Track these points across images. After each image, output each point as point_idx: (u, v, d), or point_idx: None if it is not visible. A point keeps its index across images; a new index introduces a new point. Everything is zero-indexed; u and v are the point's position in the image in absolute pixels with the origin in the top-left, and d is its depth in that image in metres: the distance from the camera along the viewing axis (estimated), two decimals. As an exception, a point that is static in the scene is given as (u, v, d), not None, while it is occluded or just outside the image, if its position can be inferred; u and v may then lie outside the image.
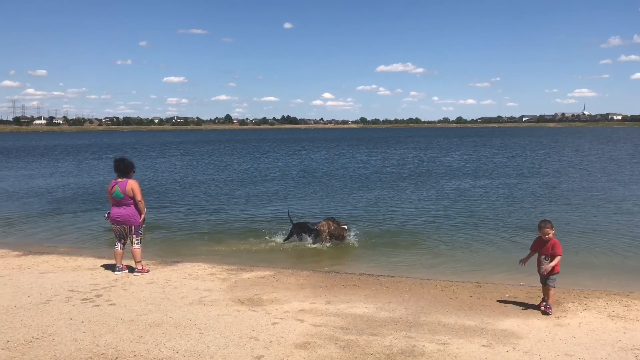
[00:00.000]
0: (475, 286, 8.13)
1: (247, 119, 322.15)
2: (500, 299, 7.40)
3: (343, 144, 72.46)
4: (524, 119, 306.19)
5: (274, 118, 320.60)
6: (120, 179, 8.66)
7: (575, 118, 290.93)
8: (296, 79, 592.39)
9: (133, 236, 8.77)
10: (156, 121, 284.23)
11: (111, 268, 9.04)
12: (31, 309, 6.88)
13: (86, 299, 7.32)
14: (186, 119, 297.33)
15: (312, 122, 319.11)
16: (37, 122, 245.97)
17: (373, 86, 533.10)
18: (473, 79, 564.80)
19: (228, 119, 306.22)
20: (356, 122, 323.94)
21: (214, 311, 6.83)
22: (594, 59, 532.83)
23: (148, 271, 8.89)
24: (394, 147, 60.75)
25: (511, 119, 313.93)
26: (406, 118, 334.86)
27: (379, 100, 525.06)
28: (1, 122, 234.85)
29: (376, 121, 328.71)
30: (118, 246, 8.88)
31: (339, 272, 9.17)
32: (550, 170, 29.31)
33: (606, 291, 7.86)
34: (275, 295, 7.60)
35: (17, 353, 5.47)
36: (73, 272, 8.87)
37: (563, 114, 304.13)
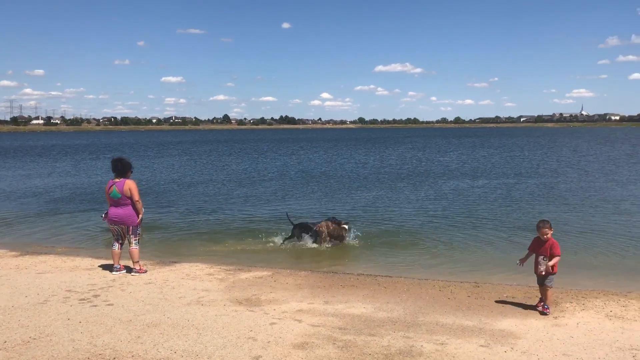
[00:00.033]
0: (473, 286, 8.13)
1: (245, 119, 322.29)
2: (498, 299, 7.40)
3: (341, 144, 72.48)
4: (522, 119, 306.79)
5: (272, 118, 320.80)
6: (117, 179, 8.65)
7: (573, 118, 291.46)
8: (294, 79, 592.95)
9: (131, 236, 8.76)
10: (154, 121, 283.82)
11: (109, 268, 9.03)
12: (28, 309, 6.87)
13: (84, 299, 7.30)
14: (184, 119, 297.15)
15: (311, 122, 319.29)
16: (35, 122, 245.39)
17: (371, 86, 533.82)
18: (471, 79, 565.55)
19: (226, 119, 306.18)
20: (354, 122, 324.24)
21: (212, 311, 6.82)
22: (592, 59, 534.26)
23: (146, 271, 8.88)
24: (392, 147, 60.78)
25: (509, 119, 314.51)
26: (404, 118, 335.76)
27: (377, 100, 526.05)
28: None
29: (374, 121, 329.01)
30: (116, 246, 8.86)
31: (337, 273, 9.17)
32: (548, 170, 29.35)
33: (604, 291, 7.87)
34: (273, 295, 7.59)
35: (15, 353, 5.46)
36: (71, 273, 8.86)
37: (561, 114, 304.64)
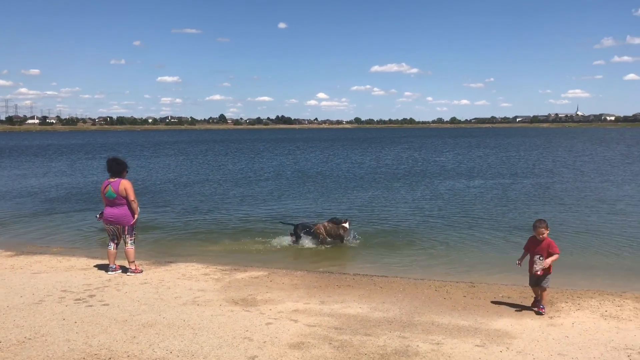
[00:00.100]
0: (469, 286, 8.15)
1: (242, 119, 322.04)
2: (493, 299, 7.42)
3: (337, 144, 72.51)
4: (518, 120, 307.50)
5: (268, 118, 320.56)
6: (113, 179, 8.63)
7: (568, 118, 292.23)
8: (291, 79, 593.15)
9: (126, 236, 8.74)
10: (150, 121, 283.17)
11: (104, 268, 9.00)
12: (24, 310, 6.84)
13: (79, 299, 7.28)
14: (180, 119, 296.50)
15: (307, 122, 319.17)
16: (30, 122, 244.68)
17: (367, 86, 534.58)
18: (467, 80, 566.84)
19: (222, 119, 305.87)
20: (350, 122, 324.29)
21: (208, 311, 6.81)
22: (587, 60, 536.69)
23: (141, 271, 8.86)
24: (389, 147, 60.83)
25: (505, 120, 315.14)
26: (400, 118, 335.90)
27: (374, 100, 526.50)
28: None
29: (370, 121, 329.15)
30: (111, 246, 8.84)
31: (333, 273, 9.17)
32: (544, 170, 29.43)
33: (599, 291, 7.90)
34: (269, 295, 7.59)
35: (10, 354, 5.44)
36: (66, 272, 8.83)
37: (556, 115, 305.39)
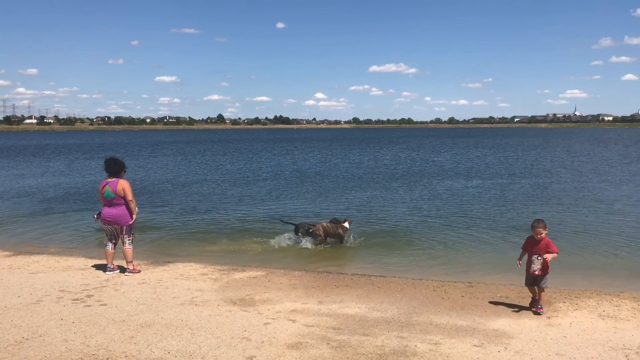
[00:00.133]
0: (467, 286, 8.15)
1: (240, 119, 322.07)
2: (492, 299, 7.42)
3: (336, 144, 72.50)
4: (516, 120, 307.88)
5: (267, 118, 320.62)
6: (111, 179, 8.62)
7: (566, 119, 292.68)
8: (289, 79, 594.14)
9: (124, 236, 8.73)
10: (148, 121, 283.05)
11: (102, 268, 8.99)
12: (21, 310, 6.83)
13: (77, 300, 7.27)
14: (178, 119, 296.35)
15: (305, 122, 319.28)
16: (28, 122, 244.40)
17: (366, 86, 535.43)
18: (465, 80, 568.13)
19: (220, 119, 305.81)
20: (349, 122, 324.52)
21: (206, 311, 6.80)
22: (586, 60, 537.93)
23: (139, 271, 8.85)
24: (387, 147, 60.85)
25: (503, 120, 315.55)
26: (398, 118, 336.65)
27: (372, 100, 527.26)
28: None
29: (369, 121, 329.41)
30: (109, 246, 8.83)
31: (331, 272, 9.17)
32: (542, 170, 29.45)
33: (597, 291, 7.91)
34: (267, 295, 7.58)
35: (7, 354, 5.43)
36: (64, 272, 8.82)
37: (555, 115, 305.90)
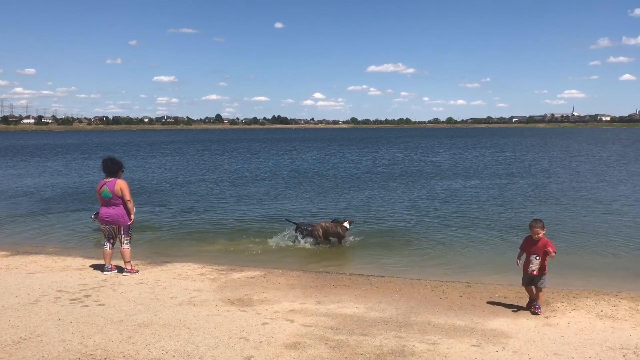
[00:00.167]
0: (465, 286, 8.16)
1: (238, 119, 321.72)
2: (490, 299, 7.43)
3: (334, 144, 72.50)
4: (514, 120, 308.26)
5: (265, 118, 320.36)
6: (108, 179, 8.61)
7: (564, 119, 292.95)
8: (287, 79, 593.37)
9: (122, 236, 8.72)
10: (146, 121, 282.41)
11: (100, 268, 8.98)
12: (19, 310, 6.82)
13: (75, 300, 7.26)
14: (176, 119, 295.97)
15: (303, 122, 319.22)
16: (26, 122, 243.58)
17: (364, 86, 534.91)
18: (463, 80, 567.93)
19: (218, 119, 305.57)
20: (347, 122, 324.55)
21: (204, 311, 6.80)
22: (583, 60, 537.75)
23: (137, 271, 8.84)
24: (385, 147, 60.86)
25: (501, 120, 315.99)
26: (397, 118, 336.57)
27: (370, 100, 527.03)
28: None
29: (367, 121, 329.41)
30: (107, 246, 8.82)
31: (330, 272, 9.17)
32: (540, 170, 29.49)
33: (595, 291, 7.92)
34: (265, 295, 7.58)
35: (5, 354, 5.41)
36: (61, 272, 8.80)
37: (552, 115, 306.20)
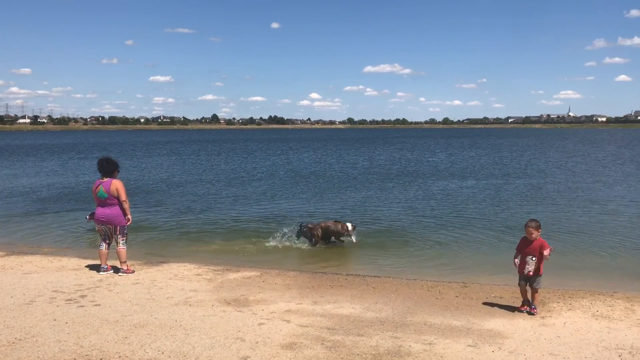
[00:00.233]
0: (461, 286, 8.16)
1: (234, 119, 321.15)
2: (486, 299, 7.44)
3: (330, 144, 72.51)
4: (510, 120, 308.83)
5: (261, 118, 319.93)
6: (104, 179, 8.59)
7: (560, 119, 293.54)
8: (283, 79, 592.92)
9: (118, 236, 8.70)
10: (142, 121, 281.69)
11: (96, 268, 8.96)
12: (14, 310, 6.79)
13: (70, 300, 7.24)
14: (172, 119, 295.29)
15: (300, 122, 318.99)
16: (21, 121, 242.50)
17: (360, 87, 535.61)
18: (460, 80, 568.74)
19: (215, 119, 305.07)
20: (343, 123, 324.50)
21: (200, 312, 6.79)
22: (579, 61, 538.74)
23: (133, 272, 8.82)
24: (381, 148, 60.89)
25: (497, 120, 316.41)
26: (393, 119, 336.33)
27: (366, 100, 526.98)
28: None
29: (363, 122, 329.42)
30: (103, 246, 8.80)
31: (326, 273, 9.17)
32: (536, 171, 29.56)
33: (590, 291, 7.94)
34: (261, 295, 7.57)
35: (0, 355, 5.40)
36: (57, 273, 8.77)
37: (548, 116, 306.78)
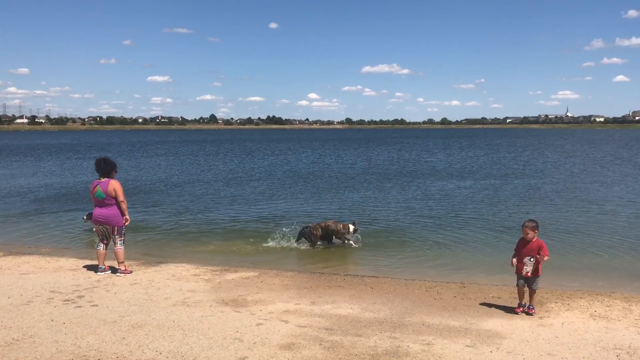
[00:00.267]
0: (459, 287, 8.17)
1: (232, 119, 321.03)
2: (484, 300, 7.44)
3: (328, 145, 72.51)
4: (508, 121, 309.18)
5: (259, 118, 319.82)
6: (102, 179, 8.58)
7: (558, 120, 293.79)
8: (282, 79, 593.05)
9: (116, 237, 8.68)
10: (140, 121, 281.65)
11: (93, 269, 8.94)
12: (11, 311, 6.78)
13: (68, 300, 7.22)
14: (170, 119, 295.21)
15: (298, 123, 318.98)
16: (19, 121, 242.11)
17: (358, 87, 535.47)
18: (458, 81, 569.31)
19: (213, 119, 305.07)
20: (342, 123, 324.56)
21: (198, 312, 6.77)
22: (577, 62, 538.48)
23: (131, 272, 8.81)
24: (380, 148, 60.92)
25: (495, 121, 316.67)
26: (391, 119, 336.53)
27: (365, 101, 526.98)
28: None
29: (361, 122, 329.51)
30: (101, 247, 8.78)
31: (324, 273, 9.16)
32: (534, 171, 29.59)
33: (588, 291, 7.95)
34: (259, 296, 7.56)
35: (-4, 355, 5.38)
36: (55, 273, 8.75)
37: (546, 116, 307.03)
